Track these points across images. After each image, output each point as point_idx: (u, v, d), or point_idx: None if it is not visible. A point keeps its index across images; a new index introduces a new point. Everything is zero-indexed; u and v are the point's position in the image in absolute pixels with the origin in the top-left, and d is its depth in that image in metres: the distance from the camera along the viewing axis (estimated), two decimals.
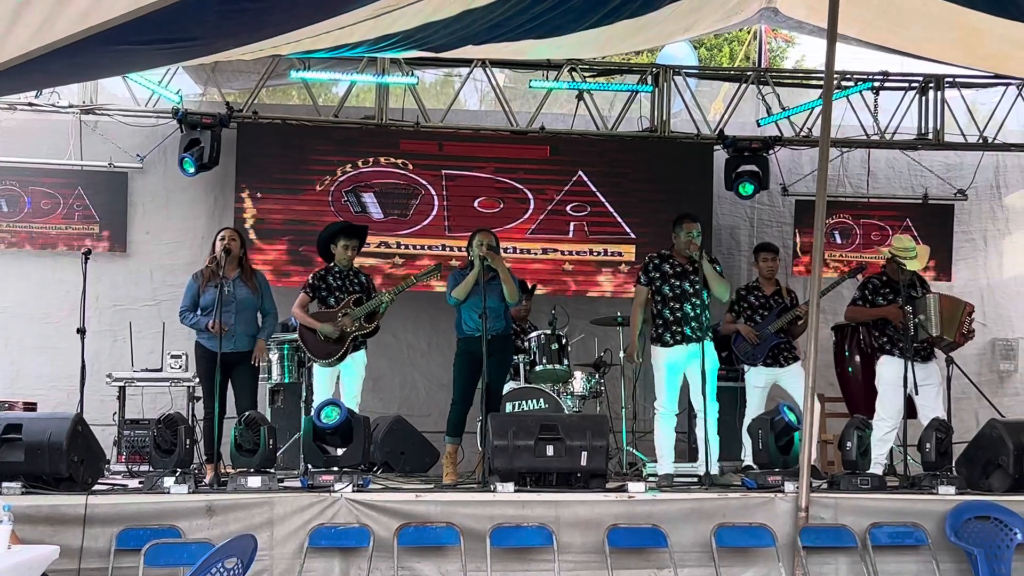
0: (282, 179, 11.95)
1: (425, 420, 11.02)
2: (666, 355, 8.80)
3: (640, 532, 7.37)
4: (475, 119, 12.81)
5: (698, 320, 8.72)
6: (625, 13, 9.09)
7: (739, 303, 9.85)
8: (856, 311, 9.43)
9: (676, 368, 8.77)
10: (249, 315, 8.94)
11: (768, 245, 10.18)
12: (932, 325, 8.96)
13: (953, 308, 9.26)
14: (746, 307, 9.81)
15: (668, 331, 8.79)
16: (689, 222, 8.92)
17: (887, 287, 9.26)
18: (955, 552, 7.51)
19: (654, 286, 8.89)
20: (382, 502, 7.34)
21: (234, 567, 4.62)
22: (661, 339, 8.83)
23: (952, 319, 9.14)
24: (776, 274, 9.95)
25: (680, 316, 8.74)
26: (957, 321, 9.19)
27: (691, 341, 8.70)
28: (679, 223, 8.95)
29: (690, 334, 8.71)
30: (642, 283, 8.99)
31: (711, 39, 21.01)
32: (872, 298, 9.26)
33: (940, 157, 13.08)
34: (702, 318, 8.72)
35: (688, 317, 8.73)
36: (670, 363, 8.78)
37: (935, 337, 9.00)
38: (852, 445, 8.13)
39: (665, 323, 8.81)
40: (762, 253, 10.00)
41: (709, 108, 13.29)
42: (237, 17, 6.15)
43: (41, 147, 11.78)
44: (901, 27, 9.81)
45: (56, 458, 7.24)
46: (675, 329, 8.75)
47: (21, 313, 11.76)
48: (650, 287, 8.91)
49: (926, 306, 9.03)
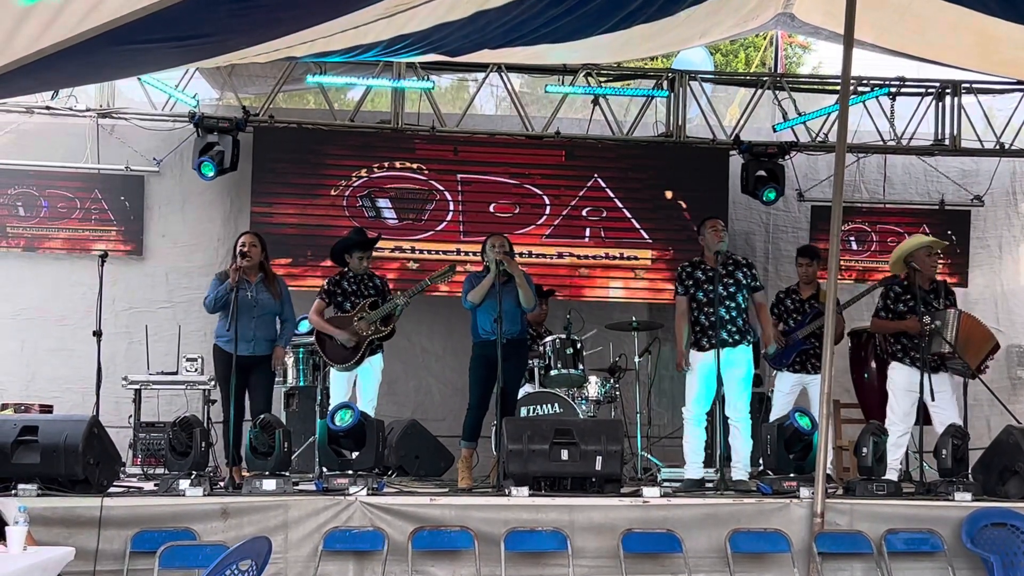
0: (298, 183, 11.95)
1: (440, 424, 11.01)
2: (700, 359, 8.78)
3: (655, 537, 7.38)
4: (490, 124, 12.81)
5: (734, 323, 8.71)
6: (641, 18, 9.08)
7: (777, 306, 9.87)
8: (879, 324, 9.34)
9: (710, 372, 8.70)
10: (268, 320, 8.94)
11: (807, 249, 10.12)
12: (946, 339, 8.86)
13: (979, 335, 9.11)
14: (782, 311, 9.81)
15: (704, 336, 8.78)
16: (712, 220, 9.03)
17: (907, 293, 9.19)
18: (971, 559, 7.50)
19: (690, 293, 8.88)
20: (397, 505, 7.36)
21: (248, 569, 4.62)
22: (698, 344, 8.83)
23: (972, 343, 9.02)
24: (814, 279, 9.91)
25: (715, 320, 8.70)
26: (982, 352, 9.09)
27: (727, 345, 8.68)
28: (702, 225, 9.01)
29: (726, 337, 8.69)
30: (679, 293, 8.98)
31: (727, 45, 20.99)
32: (893, 306, 9.19)
33: (956, 163, 13.04)
34: (738, 321, 8.71)
35: (723, 320, 8.69)
36: (703, 367, 8.75)
37: (946, 353, 8.90)
38: (868, 451, 8.11)
39: (701, 328, 8.81)
40: (800, 258, 9.98)
41: (725, 113, 13.27)
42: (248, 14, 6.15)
43: (58, 150, 11.81)
44: (917, 33, 9.78)
45: (72, 460, 7.27)
46: (711, 334, 8.72)
47: (37, 316, 11.78)
48: (687, 295, 8.91)
49: (946, 320, 8.94)
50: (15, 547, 4.99)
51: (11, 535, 5.03)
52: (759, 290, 9.00)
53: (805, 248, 10.20)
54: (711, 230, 8.88)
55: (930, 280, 9.19)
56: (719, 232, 8.86)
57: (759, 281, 9.03)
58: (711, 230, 8.88)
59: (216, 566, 4.48)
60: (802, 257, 9.96)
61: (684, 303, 8.95)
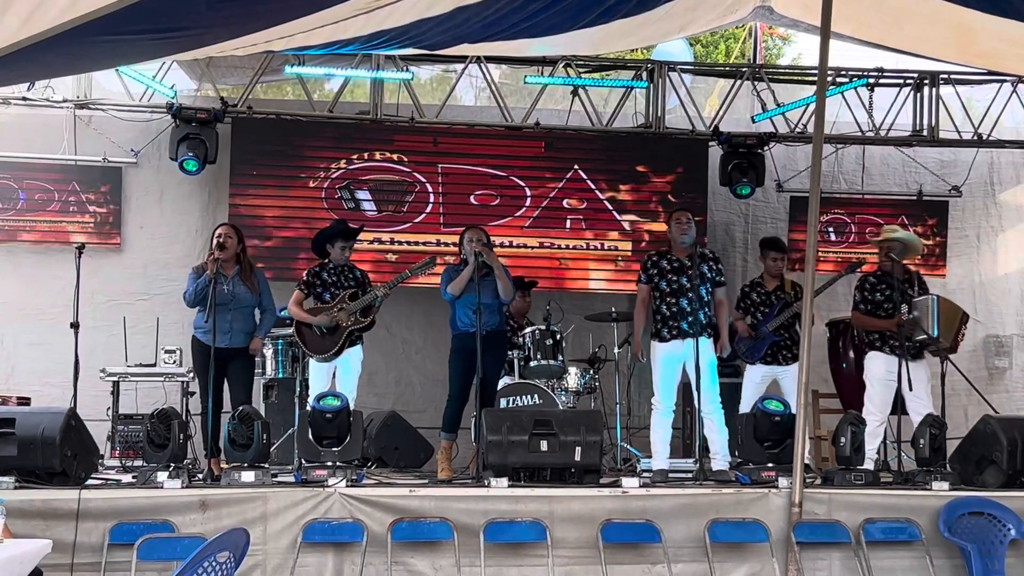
0: (276, 175, 11.91)
1: (420, 416, 11.00)
2: (662, 350, 8.81)
3: (634, 527, 7.40)
4: (470, 115, 12.79)
5: (695, 315, 8.72)
6: (620, 12, 9.09)
7: (743, 300, 9.85)
8: (861, 319, 9.39)
9: (672, 363, 8.78)
10: (246, 312, 8.93)
11: (778, 244, 10.09)
12: (930, 326, 8.92)
13: (952, 313, 9.24)
14: (748, 304, 9.80)
15: (665, 326, 8.80)
16: (678, 212, 9.09)
17: (882, 283, 9.25)
18: (949, 548, 7.55)
19: (653, 283, 8.90)
20: (376, 497, 7.36)
21: (226, 561, 4.61)
22: (659, 334, 8.85)
23: (950, 324, 9.13)
24: (781, 272, 9.92)
25: (676, 311, 8.74)
26: (955, 328, 9.19)
27: (688, 336, 8.70)
28: (670, 216, 9.07)
29: (687, 329, 8.71)
30: (642, 281, 9.02)
31: (707, 36, 20.98)
32: (871, 296, 9.25)
33: (935, 154, 13.07)
34: (699, 313, 8.72)
35: (684, 312, 8.73)
36: (666, 358, 8.79)
37: (930, 339, 8.97)
38: (846, 441, 8.14)
39: (663, 318, 8.83)
40: (772, 252, 9.91)
41: (704, 104, 13.29)
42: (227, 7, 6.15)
43: (35, 141, 11.74)
44: (895, 25, 9.80)
45: (49, 452, 7.25)
46: (672, 324, 8.75)
47: (15, 308, 11.70)
48: (650, 284, 8.93)
49: (926, 308, 8.98)
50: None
51: None
52: (722, 285, 9.03)
53: (775, 242, 10.14)
54: (675, 223, 8.94)
55: (904, 270, 9.24)
56: (682, 225, 8.89)
57: (723, 276, 9.06)
58: (675, 223, 8.94)
59: (194, 558, 4.47)
60: (775, 252, 9.91)
61: (645, 291, 8.99)
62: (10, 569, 4.80)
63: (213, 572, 4.53)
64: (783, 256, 9.94)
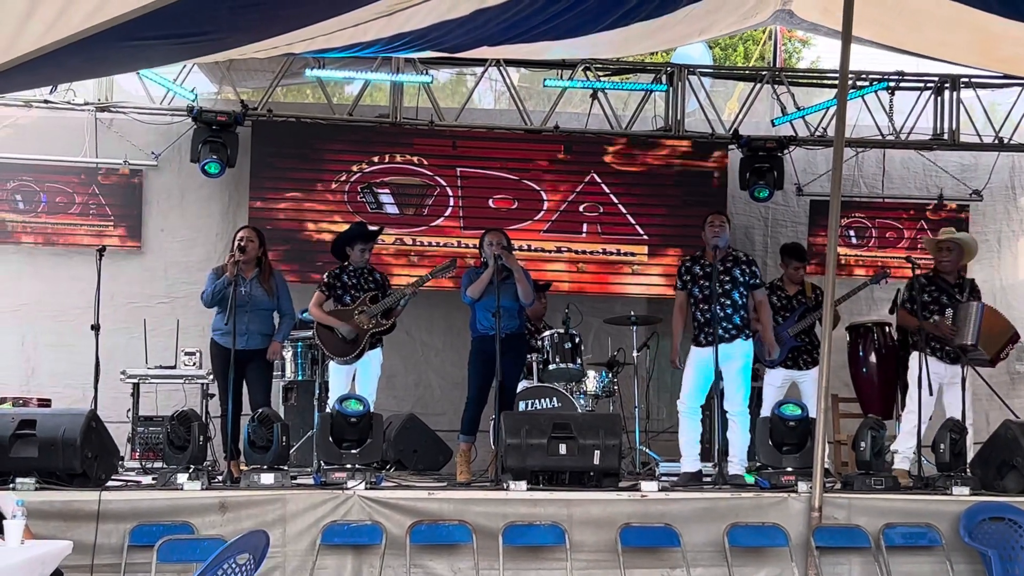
0: (296, 177, 11.94)
1: (439, 419, 11.01)
2: (697, 354, 8.79)
3: (653, 531, 7.38)
4: (489, 118, 12.79)
5: (729, 320, 8.70)
6: (640, 15, 9.07)
7: None
8: (906, 319, 9.33)
9: (705, 366, 8.71)
10: (263, 315, 8.97)
11: (799, 253, 10.01)
12: (968, 333, 8.86)
13: (1000, 327, 9.13)
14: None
15: (701, 332, 8.79)
16: (712, 215, 9.03)
17: (932, 284, 9.20)
18: (969, 553, 7.51)
19: (687, 289, 8.89)
20: (395, 500, 7.36)
21: (246, 563, 4.62)
22: (695, 339, 8.85)
23: (994, 337, 9.03)
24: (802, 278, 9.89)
25: (710, 316, 8.71)
26: (1000, 344, 9.10)
27: (723, 341, 8.67)
28: (704, 220, 9.01)
29: (722, 334, 8.68)
30: (678, 288, 9.02)
31: (726, 39, 20.96)
32: (917, 296, 9.17)
33: (955, 157, 13.02)
34: (734, 317, 8.71)
35: (718, 317, 8.70)
36: (699, 362, 8.76)
37: (964, 345, 8.91)
38: (866, 445, 8.12)
39: (698, 325, 8.82)
40: (793, 262, 9.87)
41: (724, 108, 13.26)
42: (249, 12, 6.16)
43: (57, 144, 11.77)
44: (915, 30, 9.77)
45: (70, 454, 7.27)
46: (707, 330, 8.73)
47: (36, 310, 11.75)
48: (684, 290, 8.92)
49: (967, 314, 8.92)
50: (13, 541, 4.99)
51: (9, 529, 5.03)
52: (758, 287, 8.98)
53: (796, 251, 10.07)
54: (708, 225, 8.89)
55: (956, 275, 9.20)
56: (715, 227, 8.85)
57: (759, 278, 9.01)
58: (708, 225, 8.89)
59: (214, 560, 4.48)
60: (796, 261, 9.87)
61: (682, 297, 8.97)
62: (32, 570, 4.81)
63: (233, 574, 4.54)
64: (804, 266, 9.91)
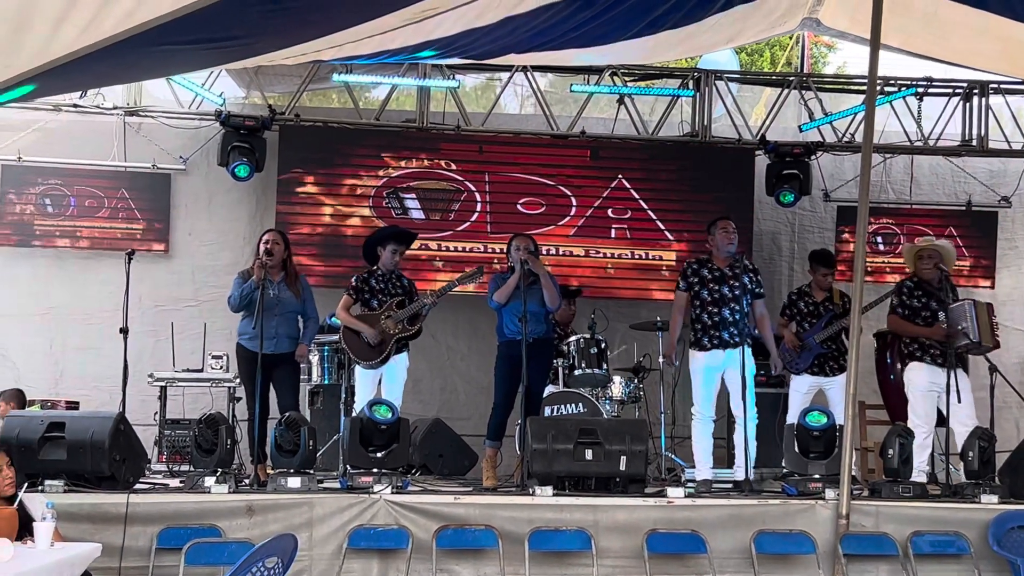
0: (323, 182, 11.98)
1: (465, 423, 11.01)
2: (703, 359, 8.77)
3: (679, 538, 7.38)
4: (516, 123, 12.79)
5: (736, 325, 8.68)
6: (668, 23, 9.05)
7: (789, 307, 9.81)
8: (899, 324, 9.33)
9: (712, 372, 8.74)
10: (291, 318, 8.98)
11: (827, 259, 9.99)
12: (971, 332, 8.85)
13: (985, 312, 9.18)
14: (795, 313, 9.74)
15: (706, 335, 8.76)
16: (723, 220, 8.99)
17: (919, 289, 9.21)
18: (998, 561, 7.48)
19: (693, 291, 8.87)
20: (421, 504, 7.38)
21: (275, 566, 4.64)
22: (699, 343, 8.80)
23: (986, 323, 9.06)
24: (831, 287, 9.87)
25: (718, 320, 8.69)
26: (990, 324, 9.12)
27: (728, 346, 8.65)
28: (713, 225, 8.96)
29: (728, 339, 8.67)
30: (681, 288, 8.98)
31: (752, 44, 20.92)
32: (908, 301, 9.19)
33: (984, 164, 12.95)
34: (740, 323, 8.68)
35: (726, 321, 8.68)
36: (707, 367, 8.75)
37: (974, 343, 8.90)
38: (894, 453, 8.09)
39: (703, 327, 8.78)
40: (821, 268, 9.83)
41: (751, 113, 13.23)
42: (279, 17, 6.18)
43: (86, 148, 11.85)
44: (943, 38, 9.72)
45: (98, 457, 7.32)
46: (713, 333, 8.71)
47: (64, 313, 11.82)
48: (689, 292, 8.89)
49: (964, 313, 8.92)
50: (43, 543, 5.03)
51: (39, 531, 5.07)
52: (760, 297, 8.98)
53: (825, 257, 10.05)
54: (722, 231, 8.84)
55: (938, 279, 9.19)
56: (729, 234, 8.82)
57: (762, 288, 9.01)
58: (722, 231, 8.84)
59: (243, 563, 4.50)
60: (824, 268, 9.83)
61: (684, 299, 8.95)
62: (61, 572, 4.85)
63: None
64: (832, 272, 9.89)
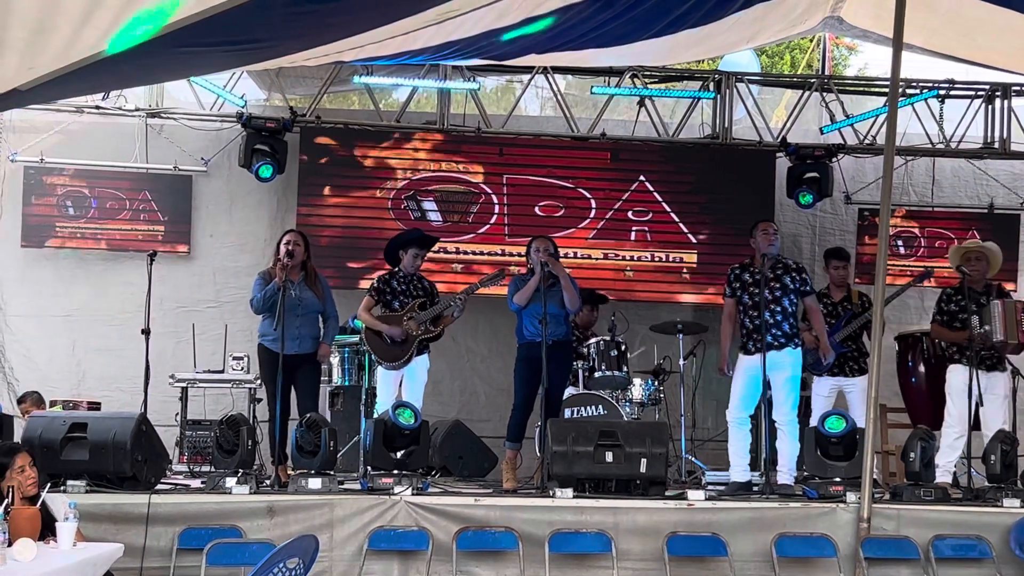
0: (344, 184, 12.00)
1: (485, 425, 11.00)
2: (746, 362, 8.74)
3: (700, 540, 7.37)
4: (536, 125, 12.80)
5: (779, 327, 8.66)
6: (688, 23, 9.04)
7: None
8: (937, 331, 9.34)
9: (754, 375, 8.65)
10: (312, 318, 8.96)
11: (839, 252, 10.00)
12: (994, 331, 8.83)
13: (1012, 310, 9.15)
14: None
15: (750, 339, 8.73)
16: (764, 223, 8.96)
17: (959, 294, 9.16)
18: (1020, 565, 7.45)
19: (736, 296, 8.85)
20: (441, 506, 7.38)
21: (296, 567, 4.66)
22: (743, 347, 8.79)
23: (1012, 322, 9.03)
24: (845, 282, 9.84)
25: (759, 324, 8.63)
26: (1016, 322, 9.08)
27: (771, 348, 8.61)
28: (754, 227, 8.93)
29: (771, 341, 8.62)
30: (727, 295, 8.96)
31: (773, 46, 20.89)
32: (946, 307, 9.16)
33: (1006, 166, 12.91)
34: (784, 325, 8.66)
35: (768, 324, 8.63)
36: (749, 370, 8.70)
37: (997, 342, 8.87)
38: (915, 456, 8.07)
39: (747, 332, 8.76)
40: (833, 260, 9.86)
41: (771, 115, 13.21)
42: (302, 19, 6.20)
43: (107, 150, 11.90)
44: (967, 36, 9.69)
45: (120, 457, 7.35)
46: (755, 337, 8.66)
47: (86, 315, 11.87)
48: (734, 297, 8.88)
49: (989, 314, 8.91)
50: (65, 543, 5.05)
51: (61, 531, 5.09)
52: (809, 295, 8.93)
53: (837, 251, 10.06)
54: (762, 233, 8.80)
55: (983, 283, 9.14)
56: (769, 236, 8.78)
57: (809, 285, 8.95)
58: (762, 233, 8.80)
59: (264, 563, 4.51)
60: (836, 260, 9.84)
61: (731, 305, 8.91)
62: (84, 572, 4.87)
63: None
64: (845, 264, 9.86)
